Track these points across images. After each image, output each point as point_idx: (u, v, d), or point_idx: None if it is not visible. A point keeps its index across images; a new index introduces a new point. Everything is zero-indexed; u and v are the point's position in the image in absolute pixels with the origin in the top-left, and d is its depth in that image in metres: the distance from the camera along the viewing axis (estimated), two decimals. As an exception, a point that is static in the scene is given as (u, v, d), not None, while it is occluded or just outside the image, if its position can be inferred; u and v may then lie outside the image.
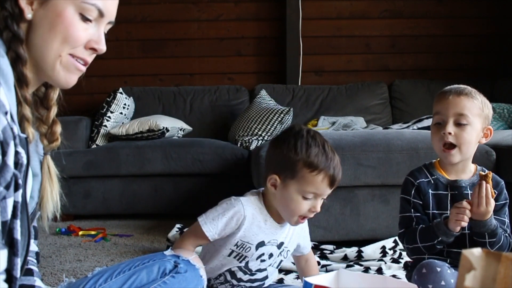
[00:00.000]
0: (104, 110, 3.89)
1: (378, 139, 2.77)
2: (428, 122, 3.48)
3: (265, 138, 3.71)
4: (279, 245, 1.72)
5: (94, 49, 1.10)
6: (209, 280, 1.73)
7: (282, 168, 1.62)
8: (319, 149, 1.61)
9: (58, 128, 1.17)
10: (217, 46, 4.48)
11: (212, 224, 1.65)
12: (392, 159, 2.71)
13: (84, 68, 1.11)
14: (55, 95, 1.18)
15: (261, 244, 1.69)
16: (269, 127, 3.77)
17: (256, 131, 3.76)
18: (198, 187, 3.54)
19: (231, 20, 4.47)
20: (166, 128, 3.70)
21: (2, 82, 0.96)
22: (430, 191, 1.77)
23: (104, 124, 3.81)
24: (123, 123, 3.86)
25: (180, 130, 3.89)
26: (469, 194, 1.75)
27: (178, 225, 2.94)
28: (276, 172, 1.64)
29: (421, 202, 1.78)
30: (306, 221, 1.76)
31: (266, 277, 1.77)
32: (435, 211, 1.77)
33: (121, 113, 3.94)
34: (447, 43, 4.49)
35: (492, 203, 1.64)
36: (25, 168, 1.01)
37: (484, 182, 1.64)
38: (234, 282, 1.74)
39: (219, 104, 4.24)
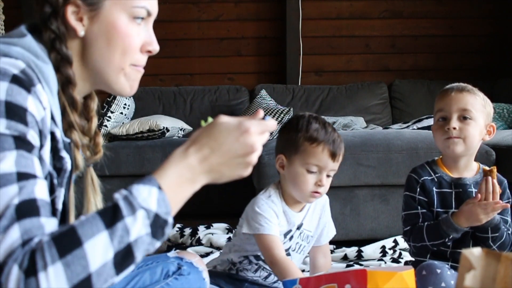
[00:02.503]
0: (105, 110, 3.89)
1: (378, 139, 2.78)
2: (428, 122, 3.48)
3: (265, 138, 3.71)
4: (299, 226, 1.80)
5: (148, 51, 1.08)
6: (234, 264, 1.83)
7: (286, 147, 1.75)
8: (319, 125, 1.72)
9: (101, 140, 1.14)
10: (217, 46, 4.48)
11: (269, 224, 1.72)
12: (392, 159, 2.71)
13: (143, 71, 1.09)
14: (94, 105, 1.14)
15: (285, 232, 1.81)
16: (269, 127, 3.76)
17: (256, 131, 3.76)
18: (198, 187, 3.53)
19: (231, 20, 4.47)
20: (167, 128, 3.70)
21: (45, 86, 0.95)
22: (434, 189, 1.77)
23: (104, 124, 3.81)
24: (123, 123, 3.86)
25: (181, 130, 3.89)
26: (473, 192, 1.75)
27: (178, 225, 2.95)
28: (282, 152, 1.76)
29: (426, 200, 1.77)
30: (327, 205, 1.87)
31: None
32: (439, 209, 1.76)
33: (122, 113, 3.94)
34: (447, 43, 4.49)
35: (498, 197, 1.64)
36: (68, 174, 0.99)
37: (489, 177, 1.64)
38: (261, 263, 1.81)
39: (219, 104, 4.24)
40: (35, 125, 0.89)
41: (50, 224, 0.86)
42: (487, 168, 1.69)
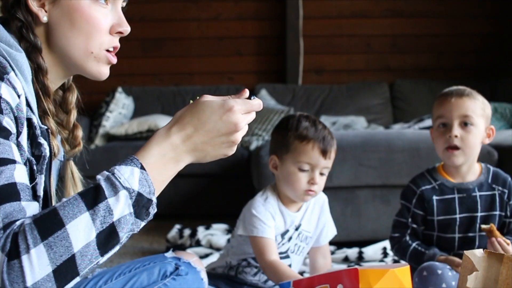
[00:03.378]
0: (103, 110, 3.87)
1: (379, 139, 2.76)
2: (429, 122, 3.47)
3: (265, 138, 3.69)
4: (297, 227, 1.80)
5: (119, 32, 1.07)
6: (232, 267, 1.83)
7: (278, 147, 1.76)
8: (309, 123, 1.73)
9: (80, 132, 1.14)
10: (217, 46, 4.46)
11: (264, 227, 1.72)
12: (393, 159, 2.70)
13: (115, 60, 1.08)
14: (73, 98, 1.15)
15: (282, 232, 1.79)
16: (269, 127, 3.75)
17: (256, 131, 3.75)
18: (198, 188, 3.52)
19: (231, 19, 4.45)
20: (166, 128, 3.69)
21: (19, 74, 0.95)
22: (434, 197, 1.76)
23: (103, 124, 3.79)
24: (122, 123, 3.85)
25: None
26: (478, 196, 1.75)
27: (177, 226, 2.93)
28: (274, 152, 1.77)
29: (422, 213, 1.77)
30: (326, 204, 1.86)
31: (289, 266, 1.80)
32: (440, 217, 1.76)
33: (120, 113, 3.93)
34: (448, 42, 4.48)
35: (510, 248, 1.63)
36: (48, 160, 0.99)
37: (493, 239, 1.62)
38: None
39: (218, 103, 4.22)
40: (10, 112, 0.90)
41: (31, 208, 0.87)
42: (485, 227, 1.66)
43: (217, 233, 2.84)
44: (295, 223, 1.80)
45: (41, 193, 0.97)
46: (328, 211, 1.88)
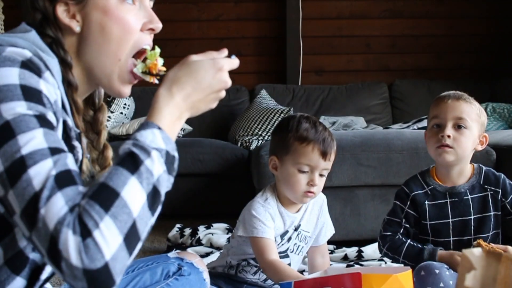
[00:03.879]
0: (104, 110, 3.88)
1: (378, 139, 2.78)
2: (428, 122, 3.48)
3: (265, 138, 3.71)
4: (296, 228, 1.80)
5: (150, 29, 1.08)
6: (232, 267, 1.84)
7: (278, 148, 1.75)
8: (309, 124, 1.73)
9: (110, 153, 1.16)
10: (217, 46, 4.44)
11: (264, 227, 1.72)
12: (392, 159, 2.71)
13: (135, 81, 1.11)
14: (104, 118, 1.16)
15: (281, 233, 1.80)
16: (269, 127, 3.76)
17: (256, 131, 3.76)
18: (198, 187, 3.53)
19: (231, 20, 4.46)
20: (166, 128, 3.70)
21: (55, 75, 0.96)
22: (426, 202, 1.77)
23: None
24: (123, 123, 3.86)
25: (180, 130, 3.89)
26: (469, 199, 1.76)
27: (178, 225, 2.94)
28: (274, 153, 1.77)
29: (415, 214, 1.78)
30: (325, 204, 1.87)
31: (288, 265, 1.81)
32: (433, 222, 1.77)
33: (121, 113, 3.94)
34: (447, 43, 4.49)
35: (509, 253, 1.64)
36: (79, 164, 1.00)
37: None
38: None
39: (219, 104, 4.13)
40: (51, 107, 0.91)
41: None
42: (474, 244, 1.68)
43: (218, 232, 2.86)
44: (294, 224, 1.80)
45: None
46: (327, 211, 1.89)
